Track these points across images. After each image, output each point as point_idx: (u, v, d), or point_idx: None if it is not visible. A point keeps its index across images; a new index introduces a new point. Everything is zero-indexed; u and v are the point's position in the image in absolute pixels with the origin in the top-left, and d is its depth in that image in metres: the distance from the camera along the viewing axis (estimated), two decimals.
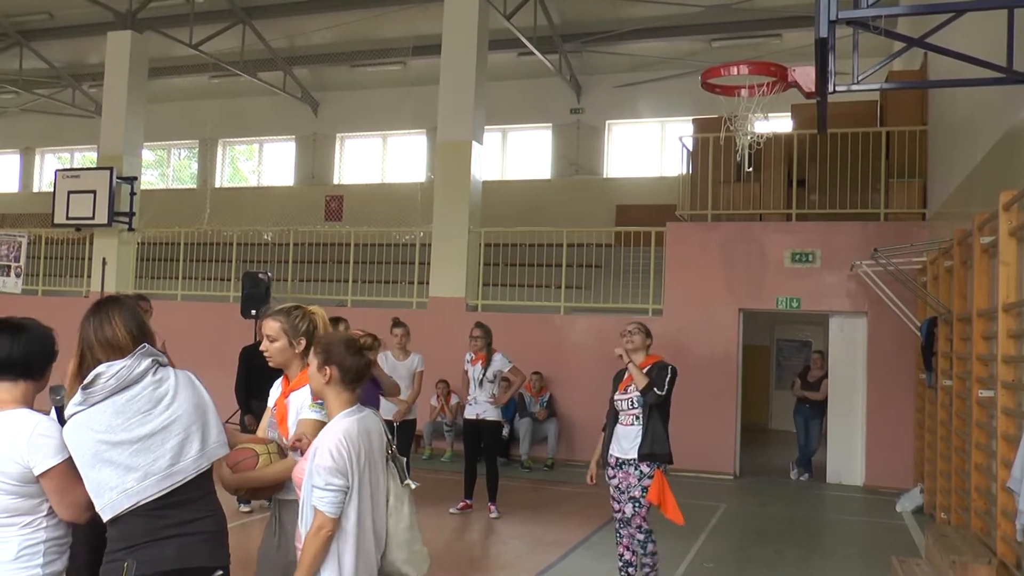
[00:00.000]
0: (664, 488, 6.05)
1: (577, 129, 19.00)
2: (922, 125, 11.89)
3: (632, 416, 6.17)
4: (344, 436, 3.16)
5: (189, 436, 2.89)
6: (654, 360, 6.24)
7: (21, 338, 2.88)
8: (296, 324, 3.78)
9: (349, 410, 3.28)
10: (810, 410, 12.04)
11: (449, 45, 13.95)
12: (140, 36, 16.43)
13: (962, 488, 7.33)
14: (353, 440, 3.18)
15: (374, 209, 17.26)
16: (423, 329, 11.80)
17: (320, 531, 3.08)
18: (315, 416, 3.53)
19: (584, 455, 12.40)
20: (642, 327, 6.32)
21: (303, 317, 3.82)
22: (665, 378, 6.09)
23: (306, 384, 3.53)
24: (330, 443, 3.15)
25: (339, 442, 3.14)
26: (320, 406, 3.51)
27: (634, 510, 6.11)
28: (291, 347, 3.74)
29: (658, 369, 6.14)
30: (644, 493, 6.05)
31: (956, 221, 8.47)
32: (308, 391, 3.54)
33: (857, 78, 5.76)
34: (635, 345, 6.23)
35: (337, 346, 3.32)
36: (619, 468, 6.20)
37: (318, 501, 3.08)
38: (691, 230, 12.59)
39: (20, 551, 2.77)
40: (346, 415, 3.26)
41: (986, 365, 6.64)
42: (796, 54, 14.13)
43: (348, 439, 3.16)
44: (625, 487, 6.16)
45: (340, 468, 3.10)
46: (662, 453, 6.09)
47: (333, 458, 3.10)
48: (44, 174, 24.07)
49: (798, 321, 17.12)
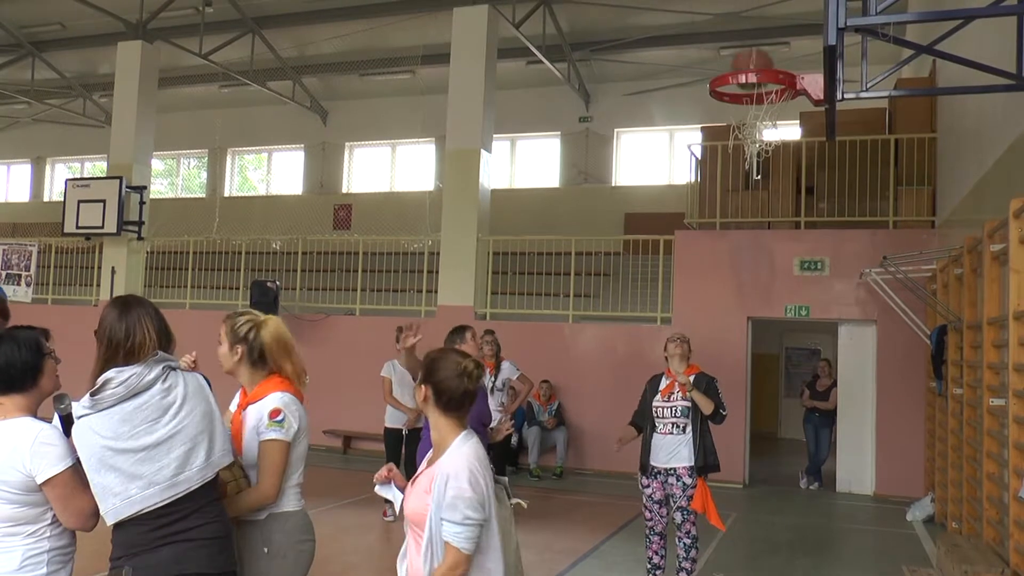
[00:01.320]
0: (707, 496, 6.12)
1: (586, 137, 19.00)
2: (931, 132, 11.85)
3: (672, 424, 6.18)
4: (478, 462, 2.91)
5: (195, 446, 2.86)
6: (696, 371, 6.28)
7: (4, 350, 2.86)
8: (236, 329, 3.43)
9: (465, 433, 3.01)
10: (820, 419, 11.99)
11: (458, 54, 13.99)
12: (150, 46, 16.52)
13: (973, 497, 7.28)
14: (485, 466, 2.94)
15: (383, 218, 17.28)
16: (431, 338, 11.70)
17: (455, 571, 2.82)
18: (276, 436, 3.27)
19: (593, 464, 12.40)
20: (686, 337, 6.42)
21: (246, 323, 3.44)
22: (719, 393, 6.17)
23: (263, 397, 3.32)
24: (465, 472, 2.86)
25: (474, 470, 2.87)
26: (280, 424, 3.26)
27: (683, 517, 6.16)
28: (230, 353, 3.42)
29: (707, 383, 6.18)
30: (690, 502, 6.10)
31: (966, 228, 8.43)
32: (265, 405, 3.31)
33: (866, 85, 5.74)
34: (682, 352, 6.29)
35: (445, 366, 3.01)
36: (654, 478, 6.19)
37: (453, 537, 2.81)
38: (700, 238, 12.57)
39: (24, 560, 2.77)
40: (465, 439, 2.99)
41: (997, 373, 6.60)
42: (804, 62, 14.13)
43: (482, 465, 2.92)
44: (663, 497, 6.20)
45: (480, 499, 2.85)
46: (714, 464, 6.18)
47: (473, 488, 2.84)
48: (55, 183, 24.20)
49: (807, 329, 17.08)
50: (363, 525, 8.59)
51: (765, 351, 16.00)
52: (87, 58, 19.65)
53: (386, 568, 6.84)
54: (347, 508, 9.51)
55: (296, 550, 3.32)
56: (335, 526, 8.38)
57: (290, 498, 3.34)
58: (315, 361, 12.19)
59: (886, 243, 11.25)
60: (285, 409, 3.29)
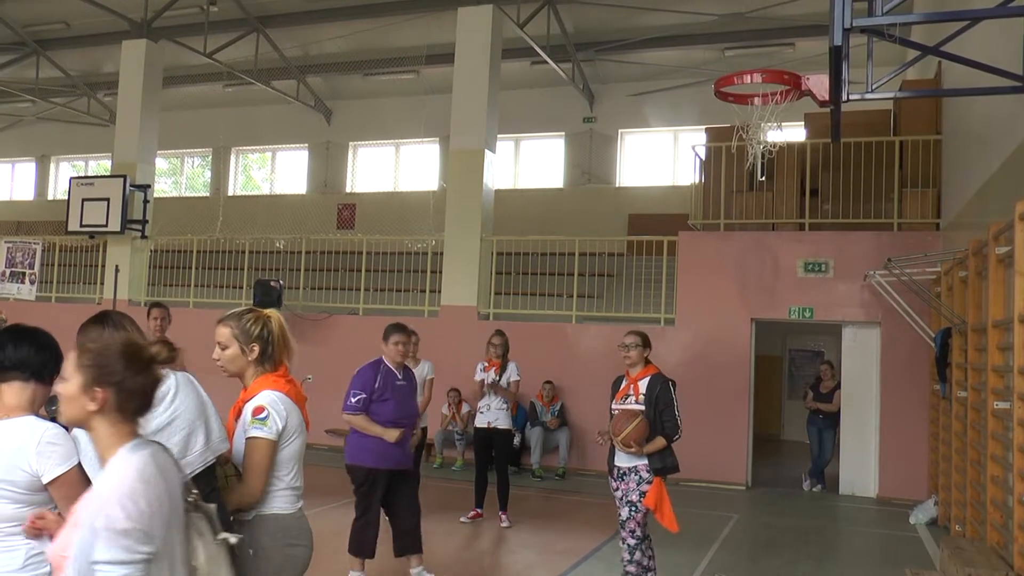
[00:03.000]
0: (662, 494, 5.98)
1: (590, 138, 18.99)
2: (936, 134, 11.83)
3: None
4: (139, 480, 2.19)
5: (193, 431, 2.91)
6: (652, 372, 6.12)
7: (35, 341, 2.93)
8: (248, 329, 3.38)
9: (134, 443, 2.29)
10: (823, 421, 11.98)
11: (462, 54, 13.98)
12: (155, 45, 16.54)
13: (977, 501, 7.26)
14: (152, 485, 2.21)
15: (386, 217, 17.30)
16: (434, 338, 11.79)
17: None
18: (258, 434, 3.21)
19: (596, 465, 12.38)
20: (640, 338, 6.17)
21: (255, 321, 3.41)
22: (673, 401, 5.98)
23: (258, 392, 3.31)
24: (119, 493, 2.16)
25: (135, 492, 2.16)
26: (263, 422, 3.20)
27: (629, 514, 6.03)
28: (243, 354, 3.39)
29: (660, 388, 5.99)
30: (641, 498, 5.98)
31: (971, 231, 8.41)
32: (254, 401, 3.28)
33: (871, 87, 5.72)
34: (632, 360, 6.13)
35: (114, 359, 2.31)
36: (620, 479, 6.14)
37: None
38: (703, 239, 12.55)
39: (27, 559, 2.77)
40: (133, 449, 2.27)
41: (1002, 377, 6.58)
42: (809, 63, 14.11)
43: (146, 484, 2.20)
44: (624, 494, 6.12)
45: (142, 528, 2.13)
46: (673, 465, 6.05)
47: (129, 517, 2.12)
48: (59, 182, 24.23)
49: (811, 331, 17.06)
50: None
51: (769, 353, 15.97)
52: (91, 57, 19.68)
53: (386, 569, 6.83)
54: (347, 507, 9.46)
55: (283, 554, 3.27)
56: (335, 526, 8.35)
57: (280, 500, 3.30)
58: (318, 360, 12.21)
59: (890, 245, 11.22)
60: (270, 407, 3.25)
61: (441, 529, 8.55)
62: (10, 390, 2.86)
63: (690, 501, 10.69)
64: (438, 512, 9.07)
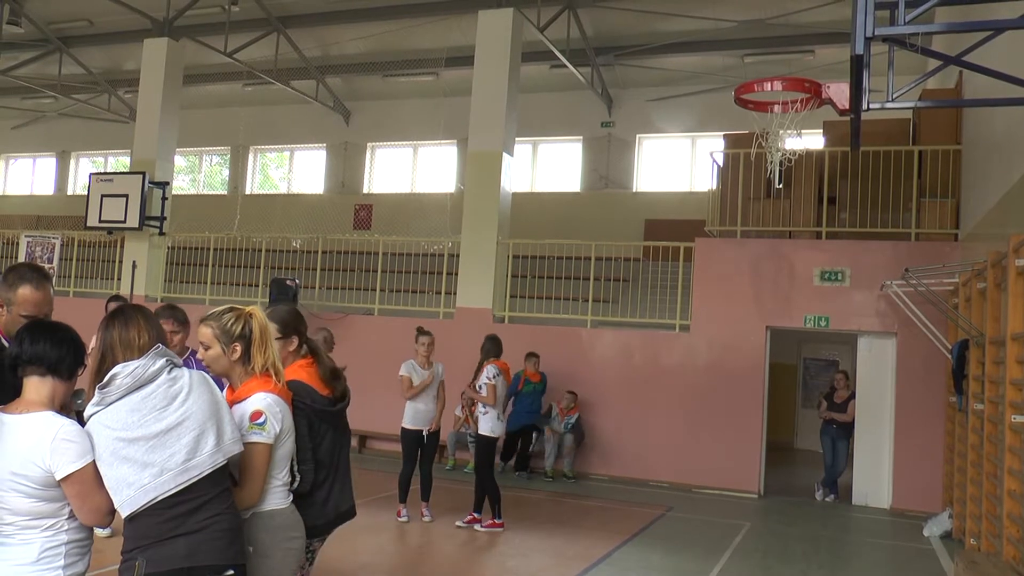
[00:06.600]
0: None
1: (608, 142, 18.98)
2: (956, 144, 11.75)
3: None
4: None
5: (204, 431, 2.90)
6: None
7: (53, 336, 2.93)
8: (228, 328, 3.33)
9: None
10: (837, 430, 11.91)
11: (482, 56, 14.00)
12: (176, 43, 16.64)
13: (993, 514, 7.20)
14: None
15: (403, 219, 17.34)
16: (449, 340, 11.80)
17: None
18: (257, 439, 3.20)
19: (607, 469, 12.36)
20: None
21: (236, 319, 3.35)
22: None
23: (249, 396, 3.27)
24: None
25: None
26: (261, 427, 3.19)
27: None
28: (225, 354, 3.33)
29: None
30: None
31: (990, 242, 8.35)
32: (248, 406, 3.25)
33: (892, 96, 5.69)
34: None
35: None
36: None
37: None
38: (720, 246, 12.52)
39: (42, 553, 2.78)
40: None
41: (1020, 390, 6.53)
42: (829, 70, 14.07)
43: None
44: None
45: None
46: None
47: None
48: (79, 177, 24.38)
49: (826, 340, 16.97)
50: (376, 525, 8.59)
51: (783, 361, 15.90)
52: (113, 54, 19.83)
53: (399, 568, 6.84)
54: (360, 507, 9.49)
55: (282, 549, 3.32)
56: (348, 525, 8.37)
57: (275, 496, 3.32)
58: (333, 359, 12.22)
59: (908, 255, 11.16)
60: (267, 411, 3.25)
61: (451, 531, 8.57)
62: (29, 385, 2.88)
63: (702, 508, 10.66)
64: (448, 514, 9.08)
